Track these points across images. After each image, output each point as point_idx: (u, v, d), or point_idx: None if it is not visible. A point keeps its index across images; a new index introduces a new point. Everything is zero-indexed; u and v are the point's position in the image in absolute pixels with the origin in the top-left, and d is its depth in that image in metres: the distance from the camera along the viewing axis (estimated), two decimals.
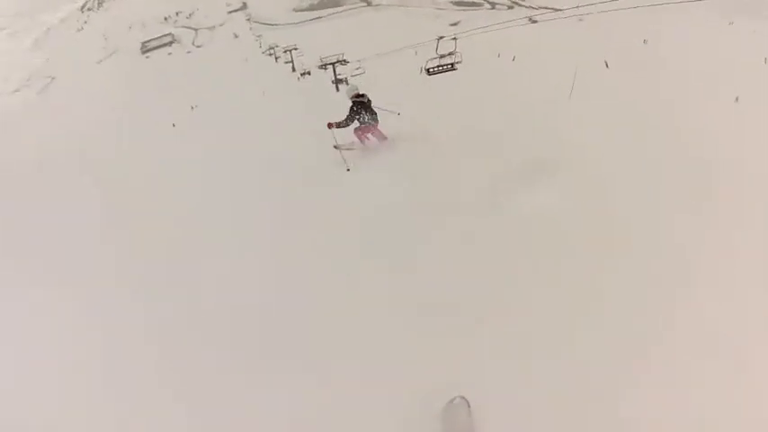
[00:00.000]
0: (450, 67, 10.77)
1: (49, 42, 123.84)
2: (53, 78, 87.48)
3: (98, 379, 4.90)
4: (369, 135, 7.55)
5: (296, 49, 31.01)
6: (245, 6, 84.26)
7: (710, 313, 4.49)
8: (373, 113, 7.33)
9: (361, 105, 7.24)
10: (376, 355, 4.43)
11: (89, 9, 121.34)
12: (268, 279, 5.56)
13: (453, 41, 10.43)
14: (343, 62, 22.19)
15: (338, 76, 20.19)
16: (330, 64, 21.47)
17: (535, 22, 22.72)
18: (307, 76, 25.55)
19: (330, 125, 7.15)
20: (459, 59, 10.37)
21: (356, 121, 7.34)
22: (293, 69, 29.94)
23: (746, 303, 4.53)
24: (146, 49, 79.90)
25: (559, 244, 5.05)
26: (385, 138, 7.64)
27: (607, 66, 11.76)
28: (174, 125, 19.88)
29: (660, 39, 16.71)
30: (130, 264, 7.06)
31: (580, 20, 28.93)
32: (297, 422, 3.97)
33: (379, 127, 7.54)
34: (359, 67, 21.24)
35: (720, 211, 5.01)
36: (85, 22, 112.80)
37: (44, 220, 11.07)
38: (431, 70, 10.79)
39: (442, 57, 10.61)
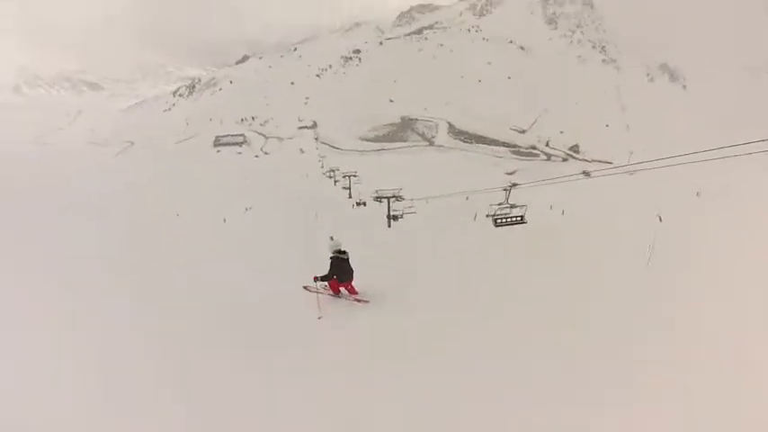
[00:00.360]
0: (519, 219, 9.78)
1: (138, 112, 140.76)
2: (132, 144, 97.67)
3: (98, 379, 4.95)
4: (341, 288, 7.54)
5: (355, 176, 33.37)
6: (315, 125, 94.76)
7: (710, 313, 4.82)
8: (349, 271, 7.39)
9: (339, 261, 7.29)
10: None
11: (180, 95, 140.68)
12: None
13: (505, 192, 10.01)
14: (399, 198, 22.77)
15: (393, 212, 20.53)
16: (386, 198, 22.03)
17: (588, 175, 23.56)
18: (362, 206, 26.33)
19: (315, 278, 7.25)
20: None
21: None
22: (350, 196, 31.49)
23: (746, 303, 4.89)
24: (218, 143, 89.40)
25: None
26: (356, 294, 7.53)
27: (660, 220, 11.29)
28: (225, 220, 20.56)
29: (713, 191, 16.74)
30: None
31: (631, 174, 29.98)
32: (296, 422, 4.06)
33: (353, 283, 7.52)
34: (411, 206, 21.81)
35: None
36: (174, 105, 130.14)
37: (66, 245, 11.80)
38: (498, 221, 9.62)
39: (512, 207, 9.60)
